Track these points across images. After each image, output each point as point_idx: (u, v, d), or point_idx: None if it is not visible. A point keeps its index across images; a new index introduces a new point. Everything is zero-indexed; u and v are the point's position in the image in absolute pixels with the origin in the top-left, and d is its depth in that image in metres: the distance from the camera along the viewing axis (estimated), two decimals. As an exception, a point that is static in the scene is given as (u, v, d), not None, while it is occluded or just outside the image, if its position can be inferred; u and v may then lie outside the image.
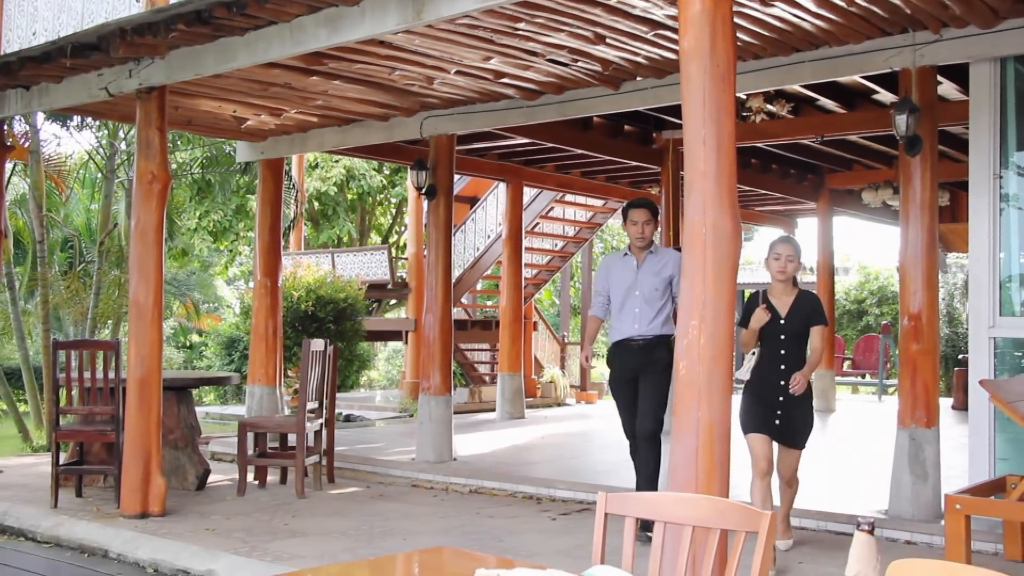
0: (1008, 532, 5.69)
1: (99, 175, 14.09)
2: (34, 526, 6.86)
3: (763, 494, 5.44)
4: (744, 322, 5.58)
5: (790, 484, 5.69)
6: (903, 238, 6.64)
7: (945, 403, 10.47)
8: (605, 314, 6.49)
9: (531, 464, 9.35)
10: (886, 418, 10.35)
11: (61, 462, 7.38)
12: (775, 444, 5.54)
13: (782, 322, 5.48)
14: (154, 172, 7.10)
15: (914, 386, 6.58)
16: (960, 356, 15.53)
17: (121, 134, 12.67)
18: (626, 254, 6.38)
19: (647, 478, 6.16)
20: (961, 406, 12.28)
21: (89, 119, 12.10)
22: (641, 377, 6.20)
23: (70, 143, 29.01)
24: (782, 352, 5.48)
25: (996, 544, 5.83)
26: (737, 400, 4.48)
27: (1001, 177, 6.36)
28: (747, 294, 6.45)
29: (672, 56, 6.94)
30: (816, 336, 5.58)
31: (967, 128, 6.68)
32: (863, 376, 17.87)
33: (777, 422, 5.46)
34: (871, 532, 1.68)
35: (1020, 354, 6.34)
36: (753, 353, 5.54)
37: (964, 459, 6.49)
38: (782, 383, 5.43)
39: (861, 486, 7.95)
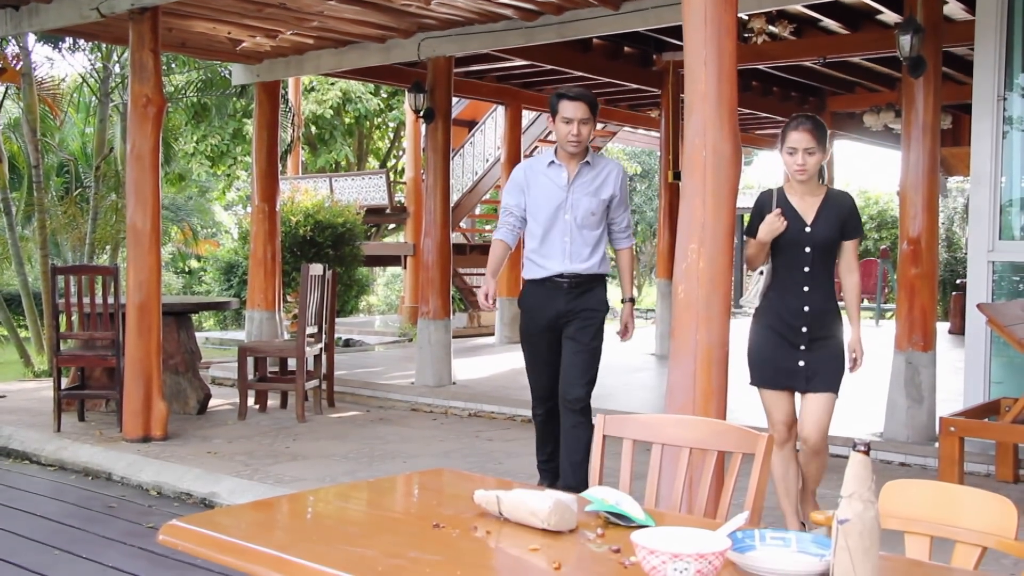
0: (1001, 454, 5.76)
1: (93, 99, 13.92)
2: (38, 450, 6.93)
3: (784, 467, 4.29)
4: (752, 231, 4.21)
5: (818, 453, 4.25)
6: (904, 161, 6.60)
7: (942, 327, 10.51)
8: (516, 240, 5.06)
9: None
10: (883, 343, 10.38)
11: (63, 387, 7.43)
12: (797, 396, 4.29)
13: (807, 230, 4.16)
14: (148, 95, 7.01)
15: (912, 310, 6.60)
16: (958, 281, 15.55)
17: (115, 56, 12.49)
18: (552, 162, 4.89)
19: (575, 462, 4.79)
20: (958, 330, 12.34)
21: (81, 41, 11.92)
22: (569, 327, 4.88)
23: (63, 66, 28.64)
24: (806, 270, 4.18)
25: (988, 466, 5.91)
26: (738, 325, 4.15)
27: (1005, 99, 6.29)
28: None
29: (673, -25, 6.81)
30: (850, 253, 4.29)
31: (972, 49, 6.59)
32: (860, 301, 17.90)
33: (802, 363, 4.18)
34: (867, 453, 1.69)
35: (1018, 278, 6.34)
36: (761, 272, 4.24)
37: (959, 383, 6.54)
38: (807, 310, 4.17)
39: (857, 409, 8.01)
